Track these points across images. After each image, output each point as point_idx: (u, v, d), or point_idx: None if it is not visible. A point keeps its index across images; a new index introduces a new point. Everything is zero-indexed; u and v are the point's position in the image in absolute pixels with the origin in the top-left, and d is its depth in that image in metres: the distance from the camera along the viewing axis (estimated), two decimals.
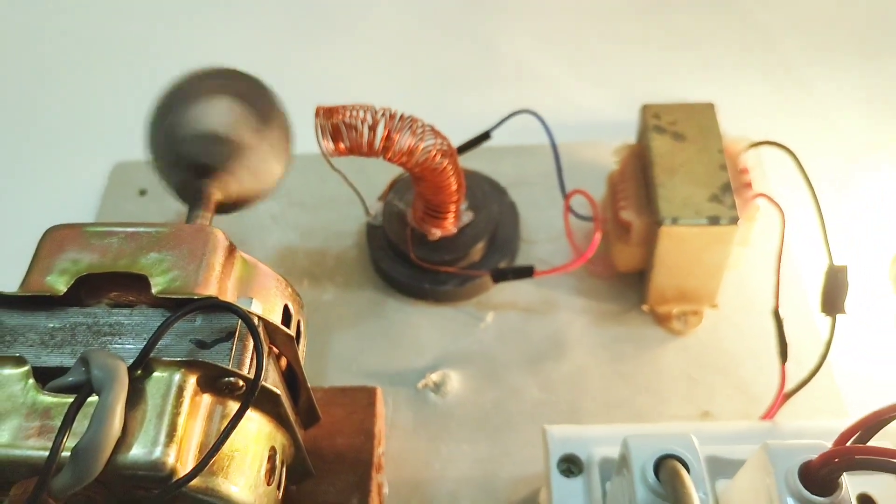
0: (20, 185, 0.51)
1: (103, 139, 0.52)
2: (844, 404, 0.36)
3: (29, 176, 0.51)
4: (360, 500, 0.33)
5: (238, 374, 0.25)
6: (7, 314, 0.26)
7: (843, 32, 0.54)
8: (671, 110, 0.40)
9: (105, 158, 0.50)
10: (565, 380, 0.39)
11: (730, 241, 0.37)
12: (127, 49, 0.58)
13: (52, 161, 0.52)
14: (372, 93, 0.38)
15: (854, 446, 0.23)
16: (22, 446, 0.23)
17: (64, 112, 0.55)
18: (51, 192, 0.50)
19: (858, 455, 0.23)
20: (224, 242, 0.28)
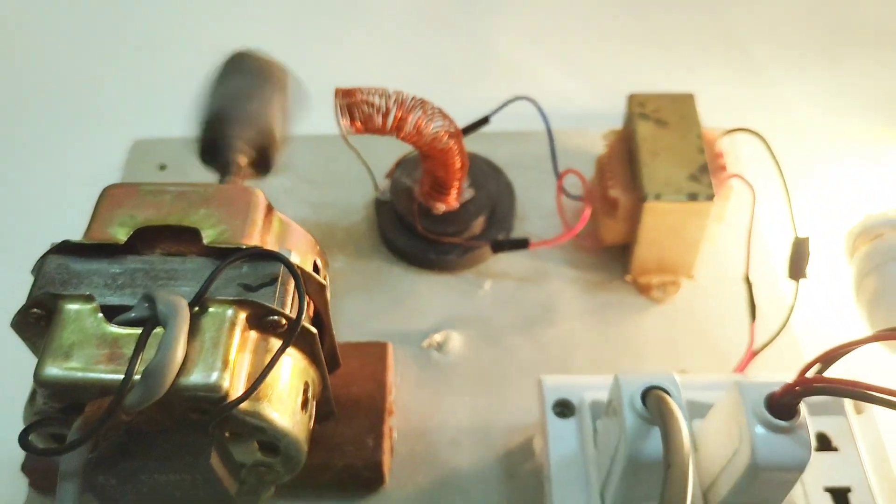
0: (46, 160, 0.52)
1: (123, 117, 0.54)
2: (805, 359, 0.39)
3: (54, 152, 0.53)
4: (374, 441, 0.36)
5: (282, 313, 0.28)
6: (74, 260, 0.29)
7: (807, 35, 0.57)
8: (655, 99, 0.43)
9: (125, 135, 0.52)
10: (555, 341, 0.42)
11: (706, 217, 0.40)
12: (146, 32, 0.60)
13: (74, 138, 0.53)
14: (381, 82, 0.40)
15: (812, 377, 0.27)
16: (94, 370, 0.26)
17: (86, 92, 0.56)
18: (75, 166, 0.52)
19: (816, 384, 0.26)
20: (264, 201, 0.31)
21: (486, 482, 0.37)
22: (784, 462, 0.27)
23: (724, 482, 0.29)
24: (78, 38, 0.60)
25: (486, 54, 0.57)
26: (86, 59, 0.59)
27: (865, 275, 0.36)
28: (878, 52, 0.55)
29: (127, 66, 0.58)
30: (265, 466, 0.30)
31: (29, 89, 0.57)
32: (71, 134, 0.54)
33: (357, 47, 0.58)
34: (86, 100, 0.56)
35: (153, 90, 0.56)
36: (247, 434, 0.28)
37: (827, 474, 0.32)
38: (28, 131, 0.54)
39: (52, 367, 0.26)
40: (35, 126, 0.55)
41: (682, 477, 0.23)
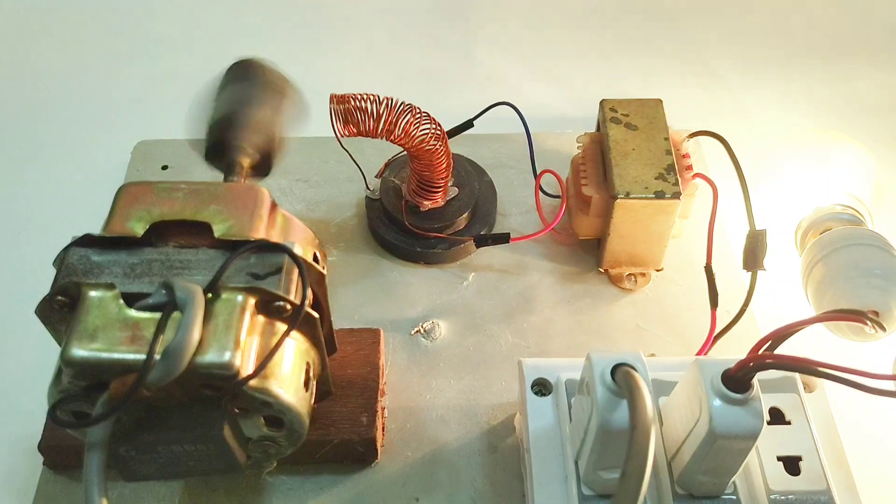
0: (54, 160, 0.54)
1: (127, 120, 0.56)
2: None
3: (62, 152, 0.55)
4: (368, 418, 0.38)
5: (287, 299, 0.30)
6: (94, 252, 0.30)
7: (764, 48, 0.60)
8: (625, 105, 0.45)
9: (129, 137, 0.53)
10: (534, 328, 0.44)
11: (673, 213, 0.42)
12: (149, 40, 0.62)
13: (81, 139, 0.55)
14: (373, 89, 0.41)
15: (764, 353, 0.29)
16: (117, 351, 0.28)
17: (92, 96, 0.58)
18: (81, 167, 0.53)
19: (768, 360, 0.29)
20: (269, 198, 0.33)
21: (471, 456, 0.40)
22: (739, 431, 0.29)
23: (686, 451, 0.32)
24: (85, 46, 0.62)
25: (471, 64, 0.59)
26: (92, 65, 0.60)
27: (813, 264, 0.38)
28: (827, 63, 0.58)
29: (131, 71, 0.60)
30: (270, 440, 0.32)
31: (38, 94, 0.59)
32: (78, 135, 0.56)
33: (351, 57, 0.60)
34: (92, 103, 0.58)
35: (156, 94, 0.57)
36: (255, 409, 0.30)
37: (780, 444, 0.34)
38: (37, 133, 0.56)
39: (78, 348, 0.28)
40: (44, 128, 0.56)
41: (645, 436, 0.25)
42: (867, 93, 0.56)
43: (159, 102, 0.56)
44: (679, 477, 0.33)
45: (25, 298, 0.41)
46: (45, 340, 0.35)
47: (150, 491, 0.39)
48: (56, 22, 0.63)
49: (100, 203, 0.34)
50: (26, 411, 0.41)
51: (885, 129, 0.53)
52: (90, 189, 0.52)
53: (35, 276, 0.44)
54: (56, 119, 0.57)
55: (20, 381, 0.43)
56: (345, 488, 0.39)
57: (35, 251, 0.49)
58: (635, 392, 0.27)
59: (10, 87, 0.59)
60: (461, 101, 0.49)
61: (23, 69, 0.60)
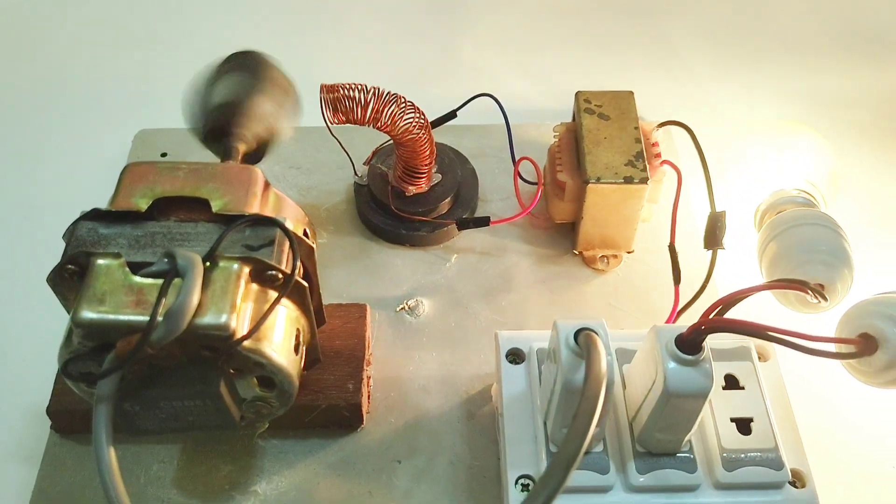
0: (59, 148, 0.56)
1: (128, 110, 0.58)
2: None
3: (63, 141, 0.56)
4: (354, 385, 0.40)
5: (278, 269, 0.32)
6: (102, 225, 0.32)
7: (730, 43, 0.62)
8: (598, 96, 0.47)
9: (130, 126, 0.55)
10: (511, 306, 0.46)
11: (641, 197, 0.44)
12: (148, 32, 0.64)
13: (82, 129, 0.57)
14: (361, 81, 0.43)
15: (713, 318, 0.32)
16: (123, 313, 0.30)
17: (94, 86, 0.60)
18: (85, 154, 0.55)
19: (717, 324, 0.31)
20: (262, 178, 0.35)
21: (450, 422, 0.42)
22: (691, 390, 0.32)
23: (645, 411, 0.34)
24: (88, 38, 0.64)
25: (454, 58, 0.61)
26: (94, 58, 0.62)
27: (767, 241, 0.41)
28: (792, 59, 0.60)
29: (131, 63, 0.62)
30: (263, 401, 0.35)
31: (45, 85, 0.61)
32: (82, 124, 0.58)
33: (341, 50, 0.62)
34: (94, 94, 0.60)
35: (155, 85, 0.60)
36: (248, 370, 0.33)
37: (734, 407, 0.36)
38: (44, 122, 0.58)
39: (88, 311, 0.30)
40: (51, 117, 0.58)
41: (597, 383, 0.28)
42: (829, 87, 0.58)
43: (158, 94, 0.58)
44: (639, 436, 0.35)
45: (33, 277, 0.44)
46: (50, 317, 0.38)
47: (152, 453, 0.41)
48: (60, 18, 0.65)
49: (103, 187, 0.36)
50: (34, 382, 0.43)
51: (845, 122, 0.56)
52: (93, 174, 0.54)
53: (41, 255, 0.46)
54: (62, 109, 0.59)
55: (28, 355, 0.45)
56: (332, 451, 0.41)
57: (41, 232, 0.51)
58: (592, 350, 0.30)
59: (18, 78, 0.61)
60: (445, 93, 0.51)
61: (29, 62, 0.62)
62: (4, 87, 0.60)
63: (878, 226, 0.50)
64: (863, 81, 0.59)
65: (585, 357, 0.30)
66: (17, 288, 0.48)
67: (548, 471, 0.27)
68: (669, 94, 0.58)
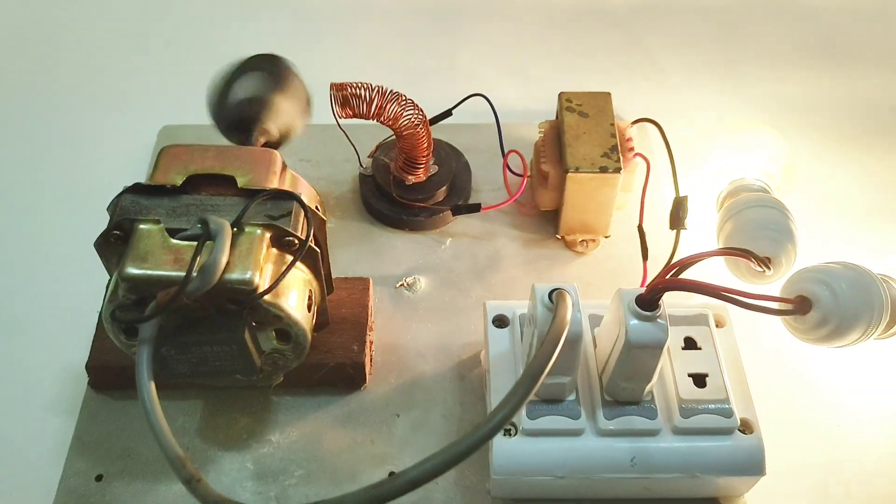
0: (88, 142, 0.60)
1: (153, 106, 0.62)
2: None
3: (94, 136, 0.61)
4: (358, 347, 0.44)
5: (295, 235, 0.37)
6: (143, 197, 0.37)
7: (702, 50, 0.66)
8: (579, 96, 0.51)
9: (154, 122, 0.60)
10: (500, 284, 0.51)
11: (615, 185, 0.48)
12: (173, 32, 0.69)
13: (112, 123, 0.61)
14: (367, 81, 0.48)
15: (669, 278, 0.36)
16: (162, 269, 0.34)
17: (121, 84, 0.64)
18: (110, 149, 0.60)
19: (671, 283, 0.36)
20: (280, 159, 0.40)
21: (443, 383, 0.46)
22: (649, 341, 0.36)
23: (611, 363, 0.39)
24: (115, 38, 0.68)
25: (451, 63, 0.66)
26: (121, 57, 0.67)
27: (724, 221, 0.45)
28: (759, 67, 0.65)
29: (157, 62, 0.66)
30: (279, 353, 0.40)
31: (73, 82, 0.65)
32: (109, 120, 0.62)
33: (350, 54, 0.67)
34: (121, 91, 0.64)
35: (179, 83, 0.65)
36: (268, 322, 0.38)
37: (691, 365, 0.41)
38: (74, 118, 0.62)
39: (132, 267, 0.35)
40: (80, 114, 0.62)
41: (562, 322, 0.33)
42: (793, 93, 0.63)
43: (182, 91, 0.63)
44: (607, 386, 0.40)
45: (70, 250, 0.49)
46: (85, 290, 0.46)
47: (178, 408, 0.45)
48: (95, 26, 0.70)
49: (129, 178, 0.40)
50: (71, 346, 0.48)
51: (806, 124, 0.61)
52: (121, 167, 0.59)
53: (78, 231, 0.52)
54: (90, 106, 0.63)
55: (66, 322, 0.50)
56: (338, 406, 0.46)
57: (72, 219, 0.56)
58: (561, 303, 0.34)
59: (50, 78, 0.66)
60: (442, 94, 0.55)
61: (61, 61, 0.67)
62: (47, 89, 0.65)
63: (829, 215, 0.55)
64: (823, 88, 0.64)
65: (555, 307, 0.34)
66: (55, 263, 0.53)
67: (517, 382, 0.31)
68: (647, 97, 0.62)
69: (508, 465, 0.39)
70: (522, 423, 0.39)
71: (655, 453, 0.39)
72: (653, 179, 0.51)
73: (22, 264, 0.53)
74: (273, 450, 0.44)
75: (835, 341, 0.38)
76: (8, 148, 0.60)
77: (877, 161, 0.59)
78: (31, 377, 0.48)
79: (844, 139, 0.60)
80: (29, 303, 0.51)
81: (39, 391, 0.47)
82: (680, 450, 0.39)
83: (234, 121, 0.44)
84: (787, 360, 0.47)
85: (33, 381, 0.47)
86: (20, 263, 0.53)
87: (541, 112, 0.55)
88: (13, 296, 0.52)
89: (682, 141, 0.52)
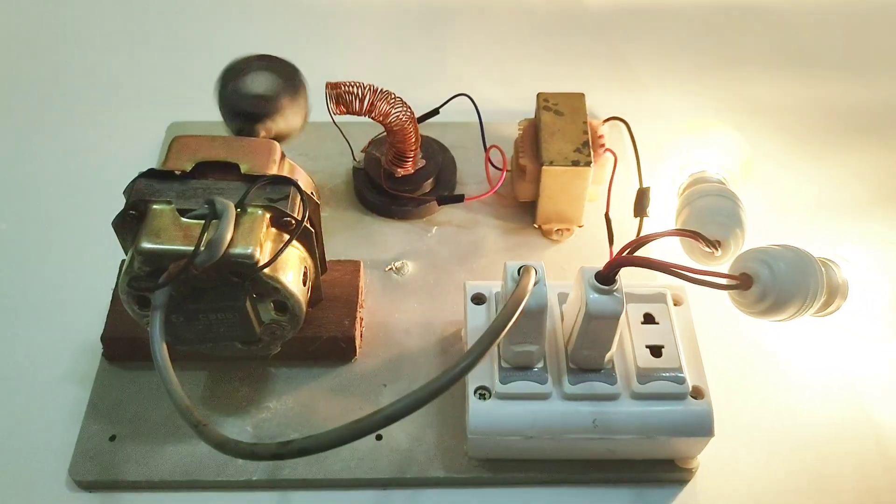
0: (99, 138, 0.64)
1: (161, 103, 0.66)
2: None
3: (106, 131, 0.64)
4: (349, 322, 0.48)
5: (292, 216, 0.41)
6: (156, 182, 0.41)
7: (673, 54, 0.71)
8: (556, 97, 0.55)
9: (162, 118, 0.64)
10: (482, 270, 0.54)
11: (586, 178, 0.52)
12: (182, 31, 0.73)
13: (121, 120, 0.65)
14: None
15: (625, 256, 0.41)
16: (173, 244, 0.38)
17: (130, 82, 0.68)
18: (124, 142, 0.63)
19: (626, 260, 0.40)
20: (279, 149, 0.44)
21: (427, 356, 0.50)
22: (606, 312, 0.40)
23: (575, 333, 0.43)
24: (126, 36, 0.73)
25: (438, 65, 0.70)
26: (131, 55, 0.71)
27: (682, 208, 0.50)
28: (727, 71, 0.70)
29: (165, 60, 0.70)
30: (277, 324, 0.44)
31: (84, 79, 0.69)
32: (123, 116, 0.66)
33: (345, 56, 0.71)
34: (130, 89, 0.68)
35: (186, 81, 0.69)
36: (267, 294, 0.42)
37: (648, 337, 0.44)
38: (85, 115, 0.66)
39: (147, 242, 0.39)
40: (90, 110, 0.67)
41: (524, 290, 0.37)
42: (758, 94, 0.68)
43: (187, 90, 0.68)
44: (571, 354, 0.44)
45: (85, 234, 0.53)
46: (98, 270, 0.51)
47: (183, 378, 0.47)
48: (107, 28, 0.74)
49: (140, 168, 0.43)
50: (85, 322, 0.52)
51: (769, 124, 0.65)
52: (133, 158, 0.63)
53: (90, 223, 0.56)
54: (100, 103, 0.67)
55: (81, 298, 0.54)
56: (330, 377, 0.49)
57: (90, 204, 0.60)
58: (524, 275, 0.39)
59: (62, 75, 0.70)
60: (430, 94, 0.58)
61: (73, 59, 0.71)
62: (69, 88, 0.69)
63: (786, 206, 0.59)
64: (786, 90, 0.68)
65: (519, 279, 0.39)
66: (73, 246, 0.57)
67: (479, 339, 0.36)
68: (621, 97, 0.67)
69: (483, 425, 0.43)
70: (496, 388, 0.44)
71: (615, 416, 0.43)
72: (622, 173, 0.55)
73: (44, 247, 0.57)
74: (271, 415, 0.48)
75: (773, 315, 0.42)
76: (33, 140, 0.64)
77: (834, 159, 0.63)
78: (51, 350, 0.52)
79: (805, 138, 0.65)
80: (49, 282, 0.55)
81: (58, 363, 0.51)
82: (637, 413, 0.43)
83: (243, 110, 0.47)
84: (741, 337, 0.52)
85: (53, 354, 0.51)
86: (43, 247, 0.57)
87: (521, 111, 0.59)
88: (35, 276, 0.56)
89: (651, 138, 0.57)
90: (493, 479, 0.46)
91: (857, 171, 0.62)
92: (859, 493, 0.46)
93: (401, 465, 0.46)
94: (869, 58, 0.72)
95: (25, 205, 0.60)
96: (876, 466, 0.47)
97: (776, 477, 0.47)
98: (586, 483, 0.46)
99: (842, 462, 0.47)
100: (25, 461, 0.47)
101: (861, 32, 0.74)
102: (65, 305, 0.54)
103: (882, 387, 0.50)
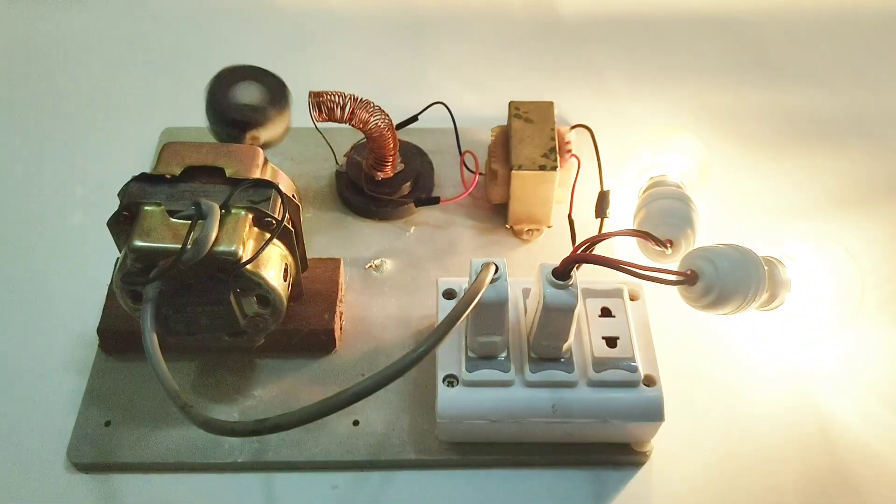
0: (94, 143, 0.67)
1: (155, 109, 0.69)
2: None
3: (100, 137, 0.67)
4: (329, 316, 0.51)
5: (273, 217, 0.44)
6: (147, 185, 0.44)
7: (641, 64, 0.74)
8: (526, 105, 0.58)
9: (156, 124, 0.66)
10: (456, 267, 0.57)
11: (553, 182, 0.55)
12: (174, 40, 0.76)
13: (116, 126, 0.68)
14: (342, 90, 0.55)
15: (579, 254, 0.44)
16: (163, 242, 0.41)
17: (125, 89, 0.71)
18: (119, 146, 0.66)
19: (580, 257, 0.43)
20: (263, 155, 0.47)
21: (403, 349, 0.52)
22: (562, 305, 0.43)
23: (535, 327, 0.46)
24: (121, 45, 0.76)
25: (418, 75, 0.73)
26: (125, 63, 0.74)
27: (639, 210, 0.53)
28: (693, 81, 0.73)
29: (158, 67, 0.73)
30: (260, 317, 0.47)
31: (80, 87, 0.72)
32: (118, 122, 0.68)
33: (327, 67, 0.74)
34: (125, 95, 0.71)
35: (179, 88, 0.72)
36: (250, 289, 0.45)
37: (605, 329, 0.47)
38: (89, 120, 0.69)
39: (139, 241, 0.42)
40: (86, 116, 0.69)
41: (481, 282, 0.40)
42: (721, 103, 0.71)
43: (183, 95, 0.70)
44: (532, 345, 0.47)
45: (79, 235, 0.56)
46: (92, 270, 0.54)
47: (174, 369, 0.50)
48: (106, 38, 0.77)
49: (135, 171, 0.45)
50: (82, 316, 0.55)
51: (731, 132, 0.68)
52: (128, 162, 0.66)
53: (87, 223, 0.59)
54: (102, 109, 0.70)
55: (77, 295, 0.57)
56: (312, 368, 0.53)
57: (86, 206, 0.63)
58: (483, 270, 0.42)
59: (59, 83, 0.73)
60: (409, 102, 0.61)
61: (70, 68, 0.74)
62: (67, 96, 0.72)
63: (744, 209, 0.62)
64: (747, 99, 0.71)
65: (478, 274, 0.42)
66: (71, 245, 0.60)
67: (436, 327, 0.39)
68: (590, 105, 0.70)
69: (450, 410, 0.47)
70: (462, 376, 0.47)
71: (572, 401, 0.47)
72: (588, 177, 0.58)
73: (43, 247, 0.60)
74: (256, 403, 0.51)
75: (718, 309, 0.46)
76: (32, 144, 0.67)
77: (791, 164, 0.66)
78: (50, 342, 0.55)
79: (763, 144, 0.68)
80: (48, 279, 0.58)
81: (57, 354, 0.54)
82: (593, 399, 0.47)
83: (232, 119, 0.50)
84: (696, 331, 0.55)
85: (52, 346, 0.55)
86: (42, 246, 0.60)
87: (494, 118, 0.62)
88: (35, 274, 0.59)
89: (618, 144, 0.60)
90: (461, 462, 0.49)
91: (812, 175, 0.65)
92: (803, 476, 0.49)
93: (376, 448, 0.50)
94: (826, 68, 0.75)
95: (27, 205, 0.63)
96: (819, 450, 0.50)
97: (726, 460, 0.50)
98: (548, 465, 0.50)
99: (787, 446, 0.51)
100: (27, 445, 0.50)
101: (818, 43, 0.77)
102: (64, 300, 0.57)
103: (825, 376, 0.53)
